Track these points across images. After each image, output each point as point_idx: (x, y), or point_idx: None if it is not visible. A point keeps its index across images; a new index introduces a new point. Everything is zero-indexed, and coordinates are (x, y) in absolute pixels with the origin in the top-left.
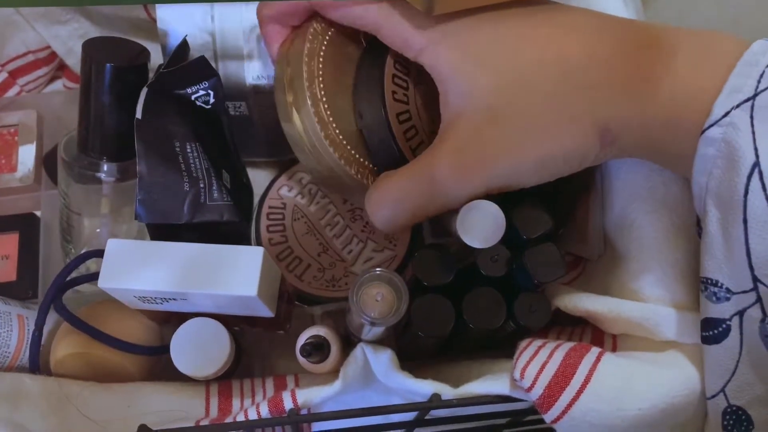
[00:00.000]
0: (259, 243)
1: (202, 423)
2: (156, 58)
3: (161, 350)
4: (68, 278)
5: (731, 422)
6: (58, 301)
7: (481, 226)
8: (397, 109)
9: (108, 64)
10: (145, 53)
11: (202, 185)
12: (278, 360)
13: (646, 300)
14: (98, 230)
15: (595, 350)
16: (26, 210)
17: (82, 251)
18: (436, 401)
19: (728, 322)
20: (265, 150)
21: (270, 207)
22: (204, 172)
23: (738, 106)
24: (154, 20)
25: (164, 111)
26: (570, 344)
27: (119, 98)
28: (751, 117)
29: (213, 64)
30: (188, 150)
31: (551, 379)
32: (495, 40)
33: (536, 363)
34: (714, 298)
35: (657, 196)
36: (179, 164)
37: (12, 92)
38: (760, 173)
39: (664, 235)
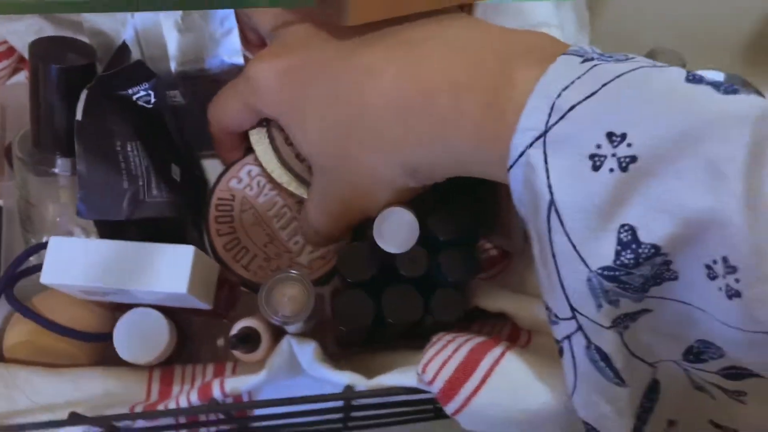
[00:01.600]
0: (208, 233)
1: (137, 407)
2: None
3: (105, 337)
4: (21, 268)
5: None
6: (9, 292)
7: (396, 233)
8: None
9: (53, 66)
10: (92, 53)
11: (141, 183)
12: (226, 346)
13: None
14: (58, 219)
15: (501, 345)
16: None
17: (44, 239)
18: (348, 392)
19: (561, 344)
20: (209, 140)
21: (219, 198)
22: (144, 170)
23: (531, 144)
24: None
25: (105, 111)
26: (479, 340)
27: (67, 97)
28: (545, 153)
29: (138, 54)
30: (129, 149)
31: (452, 374)
32: (310, 104)
33: (440, 358)
34: (549, 320)
35: None
36: (119, 163)
37: None
38: (557, 210)
39: None
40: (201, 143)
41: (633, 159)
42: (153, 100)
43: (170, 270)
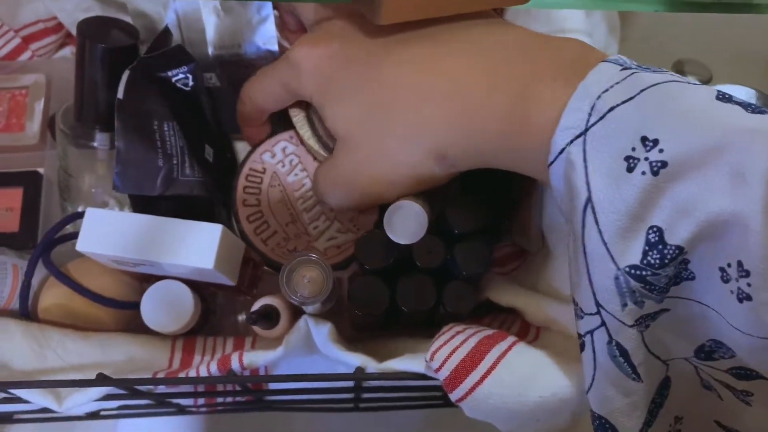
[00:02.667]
0: (234, 202)
1: (160, 374)
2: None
3: (133, 305)
4: (58, 235)
5: (599, 427)
6: (46, 256)
7: (406, 225)
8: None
9: (99, 45)
10: (135, 34)
11: (175, 161)
12: (246, 321)
13: (564, 298)
14: (94, 190)
15: (509, 339)
16: (31, 167)
17: (79, 209)
18: (359, 373)
19: (583, 338)
20: None
21: (251, 169)
22: (179, 149)
23: (572, 142)
24: None
25: (146, 91)
26: (488, 332)
27: (110, 75)
28: (584, 151)
29: (180, 41)
30: (165, 129)
31: (459, 363)
32: (349, 85)
33: (448, 347)
34: (575, 315)
35: None
36: (155, 142)
37: (24, 56)
38: (593, 208)
39: None
40: (234, 126)
41: (664, 164)
42: (191, 83)
43: (199, 246)
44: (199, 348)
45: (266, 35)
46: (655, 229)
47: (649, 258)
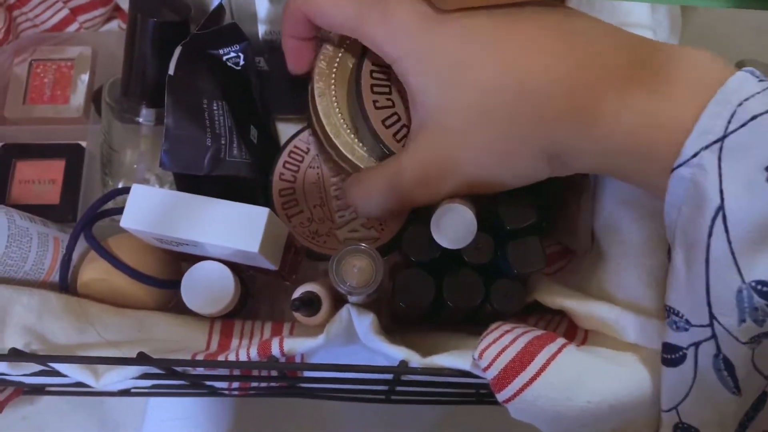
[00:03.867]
0: (272, 173)
1: (198, 356)
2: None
3: (173, 284)
4: (100, 210)
5: None
6: (88, 230)
7: (454, 229)
8: (382, 115)
9: (151, 20)
10: (187, 10)
11: (223, 142)
12: (285, 306)
13: (617, 302)
14: (135, 166)
15: (559, 341)
16: (74, 140)
17: (120, 184)
18: (403, 367)
19: (685, 351)
20: (288, 105)
21: (295, 147)
22: (227, 129)
23: (707, 147)
24: None
25: (196, 68)
26: (537, 333)
27: (160, 51)
28: (719, 159)
29: (229, 18)
30: (214, 108)
31: (508, 363)
32: (462, 62)
33: (497, 346)
34: (674, 326)
35: (644, 205)
36: (204, 120)
37: (72, 28)
38: (724, 216)
39: (645, 243)
40: (279, 108)
41: None
42: (242, 62)
43: (244, 228)
44: (237, 331)
45: None
46: None
47: None
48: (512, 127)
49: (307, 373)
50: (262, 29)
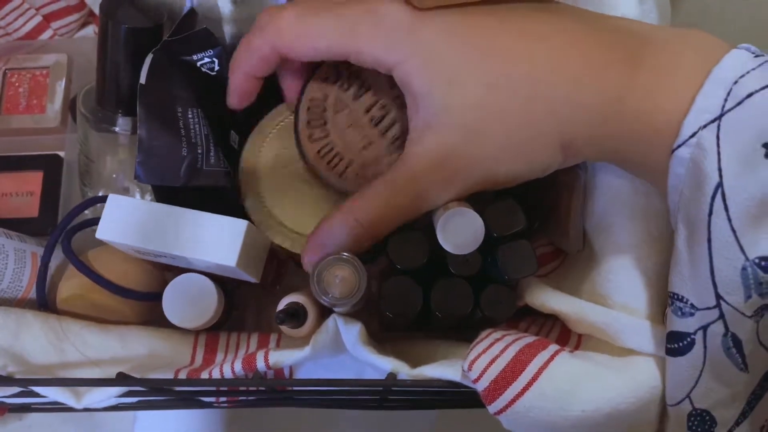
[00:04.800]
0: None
1: (182, 372)
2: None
3: (155, 297)
4: (78, 221)
5: (696, 423)
6: (66, 243)
7: (461, 234)
8: (317, 147)
9: (123, 26)
10: (160, 15)
11: (200, 151)
12: (270, 315)
13: (612, 305)
14: (114, 176)
15: (551, 348)
16: (52, 150)
17: (99, 194)
18: (390, 379)
19: (693, 336)
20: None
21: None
22: (203, 138)
23: (705, 126)
24: None
25: (169, 76)
26: (529, 339)
27: (133, 58)
28: (717, 137)
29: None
30: (189, 116)
31: (499, 374)
32: (464, 57)
33: (487, 356)
34: (680, 313)
35: (638, 204)
36: (179, 129)
37: (46, 35)
38: (723, 194)
39: (639, 244)
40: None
41: None
42: (217, 68)
43: (222, 242)
44: (222, 345)
45: None
46: None
47: None
48: (527, 118)
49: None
50: (228, 31)
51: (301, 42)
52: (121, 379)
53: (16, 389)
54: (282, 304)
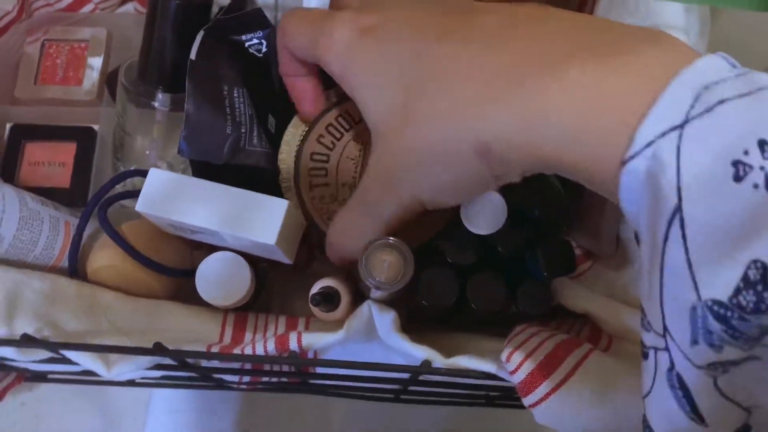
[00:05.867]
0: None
1: (213, 348)
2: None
3: (187, 274)
4: (113, 193)
5: None
6: (102, 213)
7: (484, 215)
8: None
9: (173, 2)
10: None
11: (243, 130)
12: (296, 301)
13: None
14: (147, 152)
15: (585, 346)
16: (86, 123)
17: (131, 169)
18: (425, 367)
19: (647, 350)
20: None
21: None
22: (247, 118)
23: (664, 135)
24: None
25: (217, 55)
26: (563, 336)
27: (180, 34)
28: (678, 148)
29: (273, 6)
30: (235, 95)
31: (536, 367)
32: (388, 60)
33: (524, 349)
34: (641, 322)
35: None
36: (225, 108)
37: (87, 9)
38: (681, 219)
39: None
40: None
41: None
42: (264, 49)
43: (262, 220)
44: (250, 324)
45: None
46: (759, 264)
47: (741, 298)
48: (443, 122)
49: (320, 369)
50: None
51: (293, 39)
52: (158, 349)
53: (46, 354)
54: (316, 287)
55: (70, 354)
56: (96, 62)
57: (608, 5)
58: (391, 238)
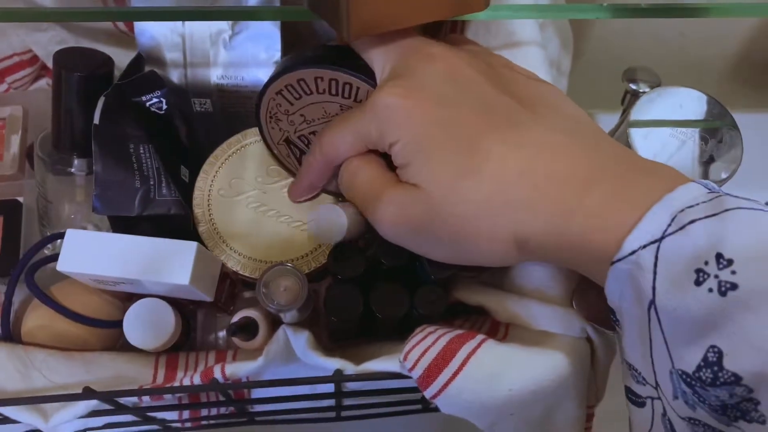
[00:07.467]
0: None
1: (143, 388)
2: (125, 62)
3: (116, 324)
4: (38, 258)
5: None
6: (29, 277)
7: (328, 227)
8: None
9: (75, 74)
10: (109, 63)
11: (152, 182)
12: (226, 337)
13: (527, 293)
14: (72, 216)
15: (478, 337)
16: (11, 196)
17: None
18: (338, 375)
19: (644, 399)
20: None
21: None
22: (155, 171)
23: (645, 247)
24: (122, 31)
25: (121, 116)
26: (458, 332)
27: (86, 103)
28: (656, 258)
29: (182, 65)
30: (141, 151)
31: (431, 361)
32: (443, 148)
33: (421, 347)
34: (636, 380)
35: None
36: (132, 164)
37: (1, 89)
38: (656, 310)
39: None
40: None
41: (734, 286)
42: (164, 107)
43: (176, 263)
44: (182, 363)
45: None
46: (716, 349)
47: (701, 374)
48: (487, 214)
49: (256, 395)
50: (215, 74)
51: (332, 152)
52: (86, 392)
53: None
54: (235, 318)
55: (5, 411)
56: (15, 138)
57: (475, 29)
58: (288, 264)
